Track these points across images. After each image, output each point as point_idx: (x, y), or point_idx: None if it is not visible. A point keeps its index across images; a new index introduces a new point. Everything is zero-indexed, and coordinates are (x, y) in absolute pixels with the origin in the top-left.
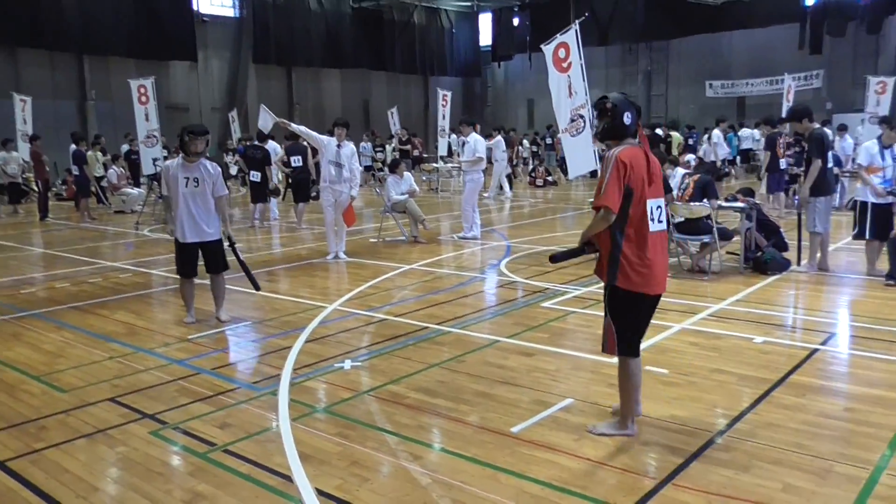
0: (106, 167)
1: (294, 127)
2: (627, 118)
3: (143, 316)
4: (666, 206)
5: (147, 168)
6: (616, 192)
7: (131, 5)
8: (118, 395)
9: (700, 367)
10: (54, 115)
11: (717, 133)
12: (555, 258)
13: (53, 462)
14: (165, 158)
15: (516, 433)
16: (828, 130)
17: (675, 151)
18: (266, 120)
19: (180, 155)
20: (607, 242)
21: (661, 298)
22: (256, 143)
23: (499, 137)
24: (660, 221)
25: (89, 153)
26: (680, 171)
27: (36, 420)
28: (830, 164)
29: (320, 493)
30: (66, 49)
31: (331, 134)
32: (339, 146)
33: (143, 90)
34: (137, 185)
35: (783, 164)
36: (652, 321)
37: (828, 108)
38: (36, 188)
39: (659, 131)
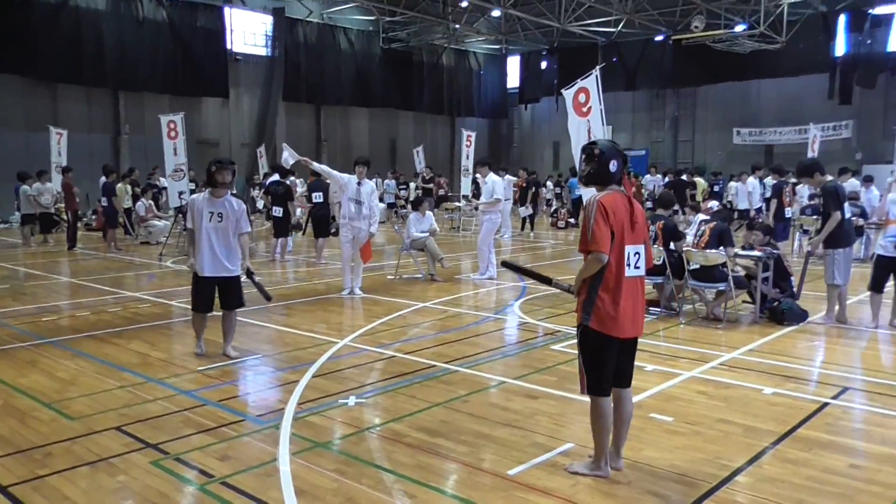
0: (135, 200)
1: (315, 166)
2: (613, 166)
3: (157, 346)
4: (647, 249)
5: (173, 201)
6: (605, 234)
7: (168, 44)
8: (124, 424)
9: (706, 416)
10: (88, 149)
11: (752, 181)
12: (507, 264)
13: (55, 489)
14: (192, 192)
15: (513, 475)
16: (853, 181)
17: (699, 197)
18: (287, 157)
19: (207, 190)
20: (585, 284)
21: (673, 346)
22: (279, 178)
23: (507, 177)
24: (636, 267)
25: (119, 185)
26: (700, 217)
27: (43, 446)
28: (849, 216)
29: None
30: (103, 85)
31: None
32: (359, 184)
33: (172, 125)
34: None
35: (788, 213)
36: (661, 368)
37: (857, 158)
38: (66, 218)
39: (685, 177)
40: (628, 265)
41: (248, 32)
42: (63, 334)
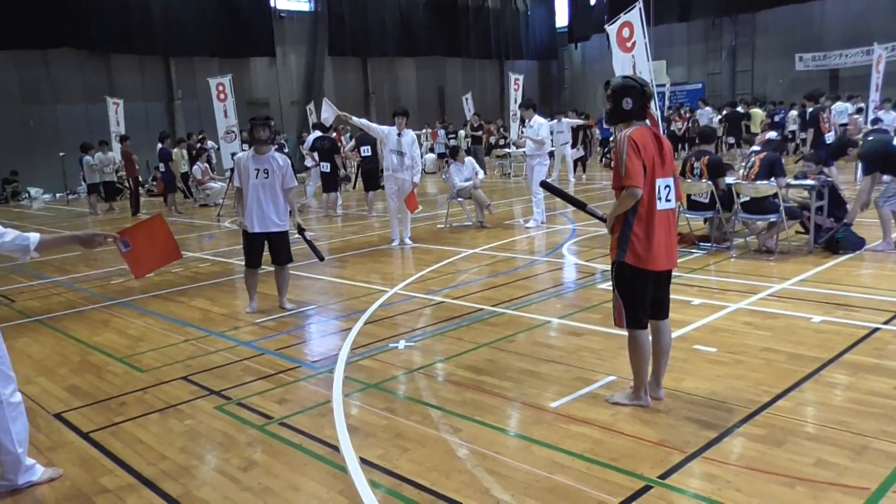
0: (192, 163)
1: (355, 120)
2: (627, 103)
3: (218, 302)
4: (676, 184)
5: (227, 163)
6: (639, 169)
7: (213, 6)
8: (190, 374)
9: (750, 346)
10: (145, 116)
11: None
12: (546, 185)
13: (130, 434)
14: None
15: (555, 408)
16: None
17: (756, 129)
18: (329, 112)
19: (252, 147)
20: (619, 221)
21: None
22: (323, 134)
23: (565, 119)
24: (668, 200)
25: (175, 150)
26: (753, 148)
27: (117, 397)
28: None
29: (363, 461)
30: (154, 52)
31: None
32: (399, 135)
33: (221, 88)
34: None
35: (828, 139)
36: (709, 301)
37: None
38: (128, 185)
39: (741, 109)
40: (659, 199)
41: None
42: (131, 295)
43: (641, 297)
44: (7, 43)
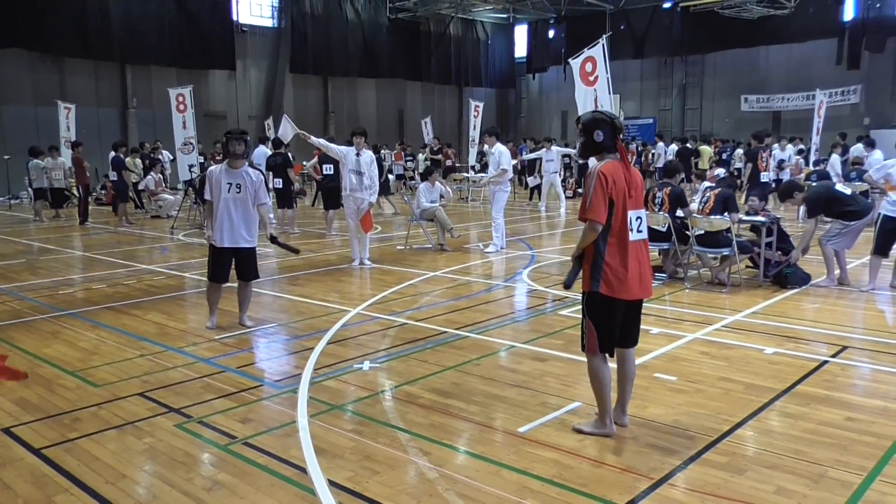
0: (145, 174)
1: (313, 140)
2: (598, 136)
3: (174, 317)
4: (646, 216)
5: (183, 174)
6: (602, 204)
7: (174, 16)
8: (147, 391)
9: (708, 375)
10: (97, 123)
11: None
12: (568, 284)
13: (85, 451)
14: (202, 165)
15: (522, 433)
16: (859, 146)
17: (704, 165)
18: (286, 130)
19: (224, 161)
20: (591, 251)
21: (678, 310)
22: (276, 150)
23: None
24: (639, 231)
25: (128, 160)
26: (706, 183)
27: (70, 412)
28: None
29: (332, 483)
30: (110, 59)
31: (349, 143)
32: (358, 154)
33: (181, 98)
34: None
35: (764, 177)
36: (666, 331)
37: (865, 123)
38: (77, 193)
39: (690, 144)
40: (631, 230)
41: (254, 3)
42: (81, 306)
43: (611, 325)
44: None
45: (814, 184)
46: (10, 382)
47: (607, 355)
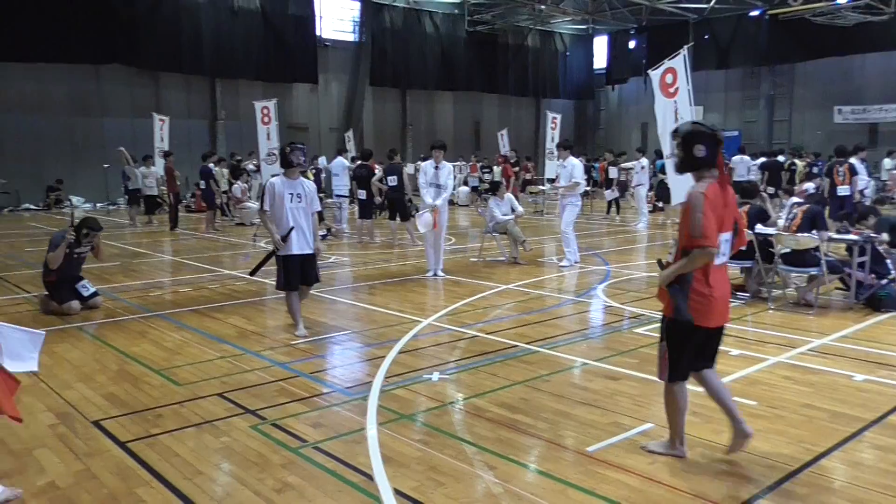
0: (230, 183)
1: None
2: (700, 150)
3: (254, 321)
4: (739, 234)
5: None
6: (713, 228)
7: (261, 33)
8: (225, 391)
9: (791, 401)
10: (188, 134)
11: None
12: (684, 315)
13: (166, 446)
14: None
15: (591, 452)
16: None
17: (798, 180)
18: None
19: (281, 172)
20: (675, 277)
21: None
22: (361, 161)
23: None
24: (723, 254)
25: (216, 169)
26: (794, 199)
27: (154, 408)
28: None
29: (397, 492)
30: (201, 73)
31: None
32: (436, 168)
33: (266, 111)
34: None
35: (841, 191)
36: (747, 353)
37: None
38: (168, 201)
39: (781, 158)
40: (718, 254)
41: (336, 19)
42: (168, 308)
43: (691, 351)
44: (61, 56)
45: None
46: (100, 377)
47: (684, 380)
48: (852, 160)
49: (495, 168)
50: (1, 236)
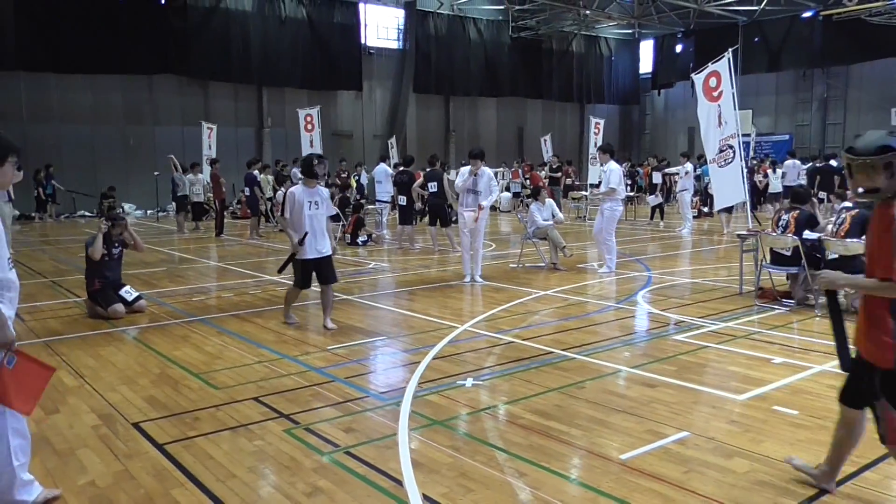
0: (275, 190)
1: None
2: None
3: (292, 326)
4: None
5: None
6: None
7: (307, 42)
8: (261, 395)
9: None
10: (235, 142)
11: None
12: (849, 367)
13: (202, 449)
14: (326, 182)
15: (624, 460)
16: None
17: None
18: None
19: (300, 181)
20: (888, 322)
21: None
22: (403, 168)
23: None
24: None
25: (261, 176)
26: (844, 204)
27: (192, 411)
28: None
29: (427, 498)
30: (249, 82)
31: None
32: (475, 175)
33: (309, 119)
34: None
35: None
36: (790, 361)
37: None
38: (214, 207)
39: (834, 162)
40: None
41: (381, 27)
42: (210, 313)
43: None
44: (116, 67)
45: None
46: (142, 380)
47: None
48: None
49: (540, 173)
50: (56, 242)
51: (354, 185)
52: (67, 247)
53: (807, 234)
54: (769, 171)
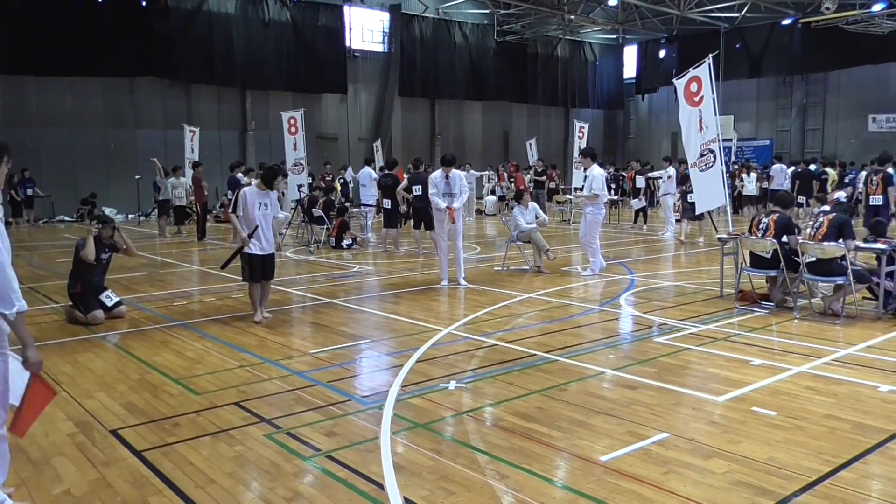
0: None
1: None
2: None
3: (275, 330)
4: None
5: (292, 193)
6: None
7: (291, 44)
8: (243, 400)
9: (812, 412)
10: (219, 145)
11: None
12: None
13: (181, 455)
14: (310, 185)
15: (605, 462)
16: None
17: (829, 189)
18: None
19: (254, 183)
20: None
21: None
22: (387, 171)
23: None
24: None
25: (245, 179)
26: (822, 207)
27: (171, 417)
28: None
29: (408, 501)
30: (232, 84)
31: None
32: (447, 177)
33: (293, 121)
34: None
35: (873, 200)
36: (769, 363)
37: None
38: (196, 211)
39: (813, 167)
40: None
41: (365, 29)
42: (192, 317)
43: None
44: (97, 70)
45: None
46: (121, 387)
47: None
48: (889, 170)
49: (524, 177)
50: (34, 247)
51: (339, 187)
52: (46, 252)
53: (784, 238)
54: (743, 175)
